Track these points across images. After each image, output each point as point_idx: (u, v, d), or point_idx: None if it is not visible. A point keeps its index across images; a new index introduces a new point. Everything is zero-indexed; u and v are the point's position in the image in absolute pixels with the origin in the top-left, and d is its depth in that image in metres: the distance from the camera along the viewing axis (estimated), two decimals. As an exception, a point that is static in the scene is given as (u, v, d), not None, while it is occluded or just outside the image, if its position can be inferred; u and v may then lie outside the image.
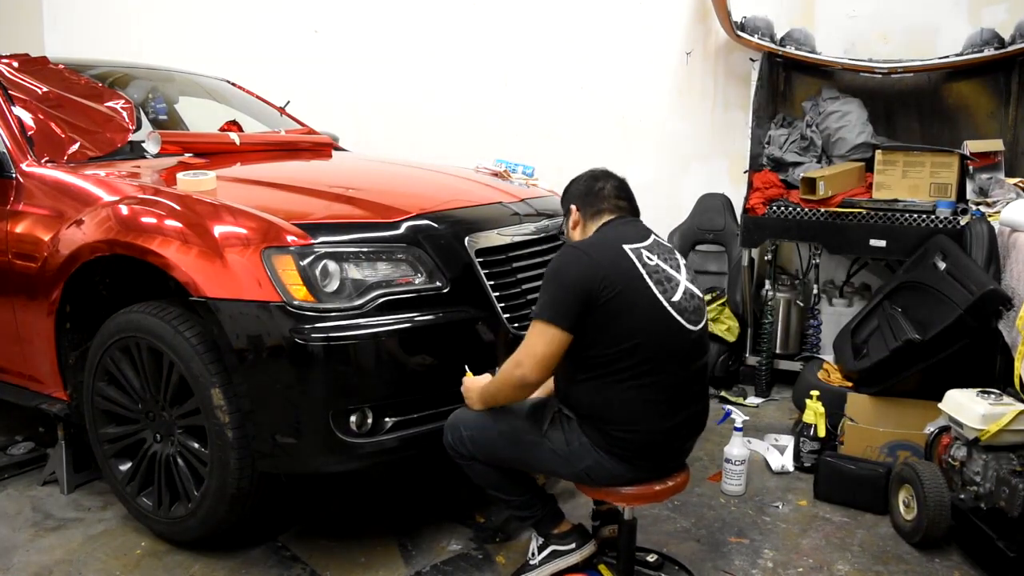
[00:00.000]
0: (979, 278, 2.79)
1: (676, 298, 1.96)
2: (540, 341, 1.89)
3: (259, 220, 2.20)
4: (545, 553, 2.18)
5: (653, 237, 2.06)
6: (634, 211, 2.13)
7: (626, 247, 1.95)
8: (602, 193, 2.09)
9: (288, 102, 3.99)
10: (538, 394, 2.08)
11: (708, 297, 3.94)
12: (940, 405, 2.54)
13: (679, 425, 2.00)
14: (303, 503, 2.74)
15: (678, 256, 2.08)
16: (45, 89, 2.84)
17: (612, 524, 2.40)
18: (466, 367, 2.20)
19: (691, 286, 2.04)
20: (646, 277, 1.92)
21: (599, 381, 1.93)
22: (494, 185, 2.99)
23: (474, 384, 2.12)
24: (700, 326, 2.02)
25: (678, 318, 1.95)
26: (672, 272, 2.00)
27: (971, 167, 3.49)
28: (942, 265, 3.04)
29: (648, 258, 1.96)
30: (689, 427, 2.05)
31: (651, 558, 2.33)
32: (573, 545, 2.17)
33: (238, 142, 3.15)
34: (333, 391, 2.15)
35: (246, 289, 2.13)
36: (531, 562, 2.20)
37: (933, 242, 3.25)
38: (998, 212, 3.18)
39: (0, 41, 5.57)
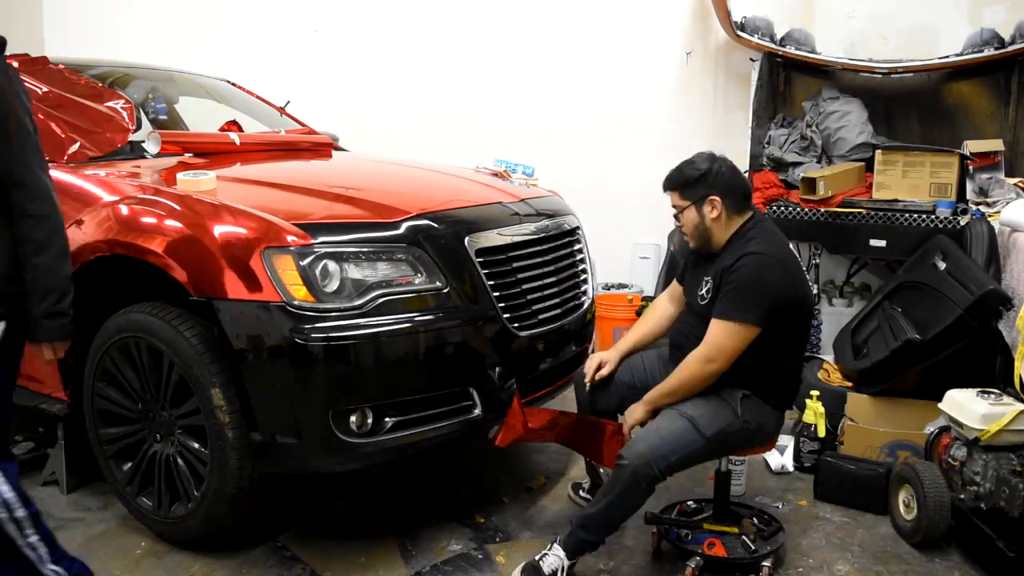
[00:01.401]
0: (979, 278, 2.79)
1: (809, 279, 2.35)
2: (733, 340, 2.12)
3: (259, 220, 2.20)
4: (568, 567, 2.16)
5: (778, 231, 2.32)
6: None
7: (792, 248, 2.29)
8: (745, 188, 2.29)
9: (288, 102, 3.98)
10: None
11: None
12: (940, 405, 2.54)
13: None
14: (303, 503, 2.74)
15: None
16: (45, 89, 2.84)
17: None
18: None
19: None
20: (805, 274, 2.29)
21: (775, 357, 2.20)
22: (494, 185, 2.98)
23: (632, 414, 2.30)
24: None
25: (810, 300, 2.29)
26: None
27: (971, 167, 3.49)
28: (942, 265, 3.04)
29: (794, 254, 2.29)
30: None
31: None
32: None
33: (238, 142, 3.15)
34: (333, 391, 2.15)
35: (246, 289, 2.13)
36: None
37: (933, 242, 3.25)
38: (998, 212, 3.18)
39: (0, 41, 5.56)
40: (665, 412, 2.20)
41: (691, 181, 2.24)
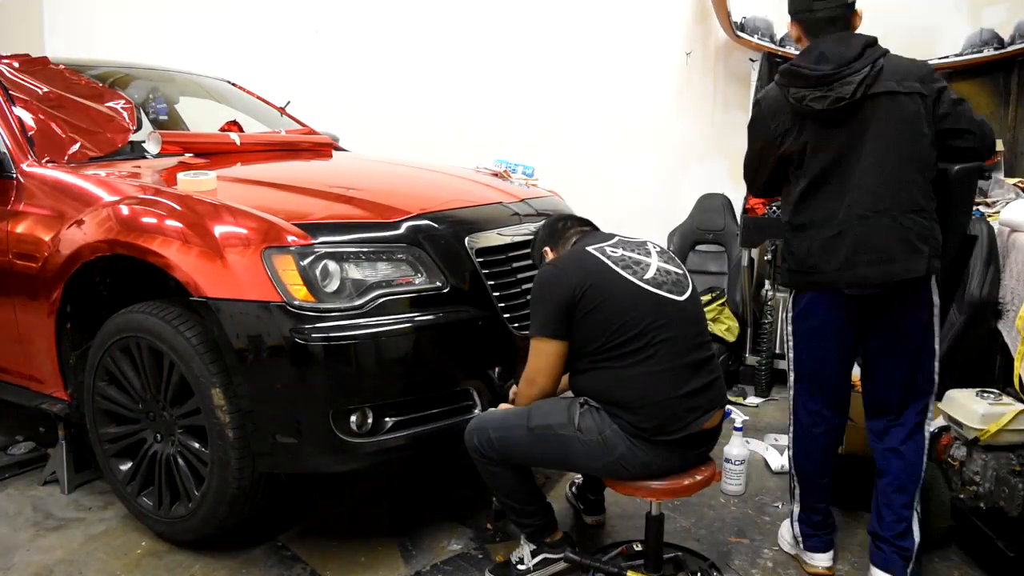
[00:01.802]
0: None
1: (648, 275, 2.05)
2: (541, 356, 2.07)
3: (259, 220, 2.20)
4: (537, 559, 2.22)
5: (618, 237, 2.17)
6: (595, 229, 2.30)
7: (589, 248, 2.08)
8: (564, 227, 2.27)
9: (288, 102, 3.99)
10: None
11: (708, 297, 3.95)
12: (940, 405, 2.54)
13: (694, 393, 2.01)
14: (303, 503, 2.74)
15: (650, 247, 2.18)
16: (46, 89, 2.84)
17: (597, 515, 2.57)
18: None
19: (666, 266, 2.12)
20: (612, 266, 2.03)
21: (600, 368, 2.02)
22: (494, 185, 2.99)
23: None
24: (686, 296, 2.08)
25: (656, 291, 2.03)
26: (640, 257, 2.10)
27: (971, 167, 3.48)
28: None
29: (612, 251, 2.08)
30: (705, 397, 2.04)
31: (671, 554, 2.32)
32: (563, 554, 2.22)
33: (238, 142, 3.15)
34: (333, 391, 2.15)
35: (246, 289, 2.13)
36: (519, 567, 2.23)
37: None
38: (998, 212, 3.18)
39: (0, 41, 5.57)
40: None
41: (532, 248, 2.35)
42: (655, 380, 1.98)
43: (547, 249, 2.26)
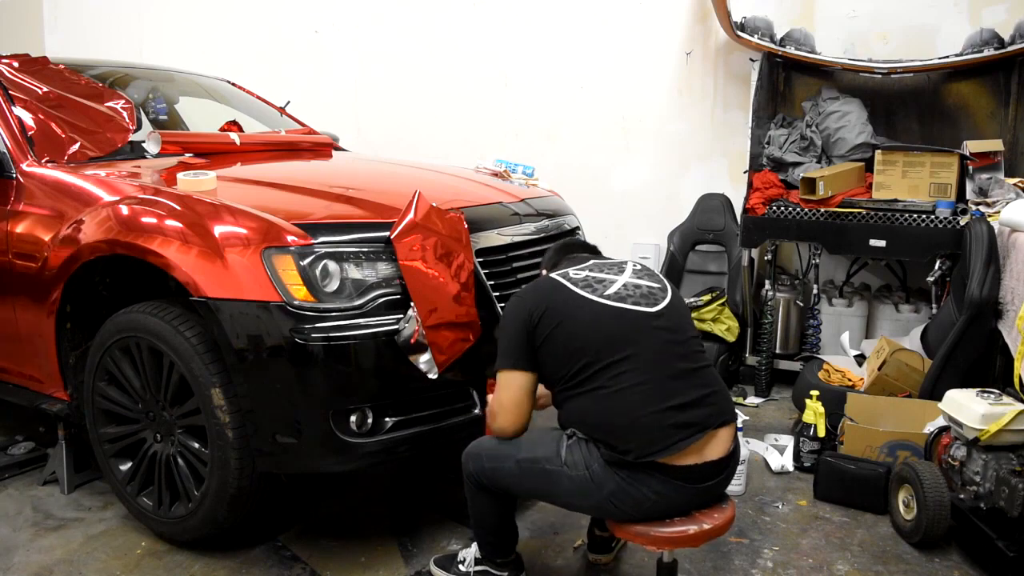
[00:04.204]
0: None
1: (611, 291, 1.93)
2: (503, 390, 1.96)
3: (259, 220, 2.20)
4: (478, 569, 2.17)
5: (593, 261, 2.08)
6: (592, 252, 2.22)
7: (552, 275, 2.01)
8: (560, 252, 2.21)
9: (288, 102, 3.99)
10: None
11: (708, 297, 3.95)
12: (940, 405, 2.54)
13: (682, 407, 1.83)
14: (303, 503, 2.74)
15: (628, 266, 2.05)
16: (45, 89, 2.84)
17: (600, 553, 2.38)
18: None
19: (638, 280, 1.99)
20: (571, 287, 1.93)
21: (577, 394, 1.89)
22: (494, 185, 2.99)
23: None
24: (660, 307, 1.93)
25: (618, 304, 1.90)
26: (606, 276, 1.98)
27: (971, 167, 3.49)
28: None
29: (575, 274, 1.98)
30: (698, 412, 1.84)
31: None
32: (505, 573, 2.15)
33: (238, 142, 3.15)
34: (333, 391, 2.15)
35: (246, 289, 2.13)
36: (460, 566, 2.20)
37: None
38: (998, 212, 3.18)
39: (0, 41, 5.57)
40: None
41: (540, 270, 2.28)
42: (630, 395, 1.82)
43: (543, 273, 2.19)
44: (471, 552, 2.21)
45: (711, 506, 1.92)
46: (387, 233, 2.26)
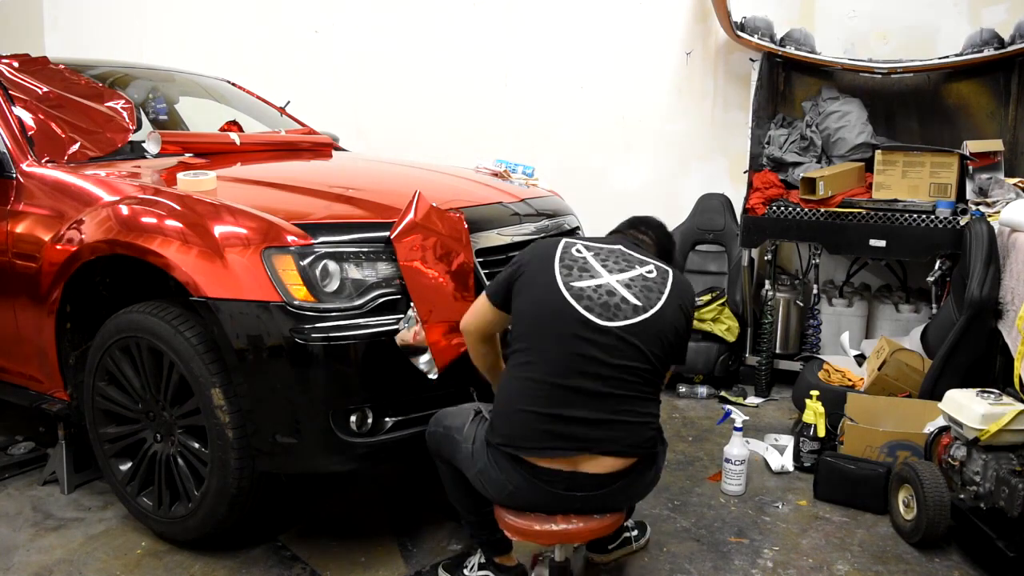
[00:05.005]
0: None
1: (582, 284, 1.85)
2: (476, 305, 2.08)
3: (259, 220, 2.20)
4: (480, 573, 2.19)
5: (619, 247, 2.00)
6: (649, 240, 2.14)
7: (565, 240, 2.00)
8: (628, 225, 2.20)
9: (288, 102, 3.99)
10: None
11: (708, 297, 3.95)
12: (940, 405, 2.54)
13: (565, 420, 1.79)
14: (303, 503, 2.74)
15: (647, 269, 1.95)
16: (45, 89, 2.84)
17: (596, 553, 2.37)
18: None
19: (621, 289, 1.87)
20: (554, 259, 1.91)
21: (506, 372, 1.93)
22: (494, 185, 2.99)
23: None
24: (612, 323, 1.82)
25: (570, 300, 1.83)
26: (598, 267, 1.91)
27: (971, 167, 3.49)
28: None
29: (576, 250, 1.95)
30: (584, 431, 1.80)
31: None
32: None
33: (238, 142, 3.15)
34: (333, 391, 2.15)
35: (246, 289, 2.13)
36: (465, 571, 2.22)
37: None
38: (998, 212, 3.18)
39: (0, 41, 5.57)
40: None
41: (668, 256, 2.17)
42: (522, 386, 1.83)
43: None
44: (474, 559, 2.22)
45: (585, 514, 1.87)
46: (387, 233, 2.26)
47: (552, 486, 1.83)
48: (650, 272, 1.95)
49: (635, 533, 2.42)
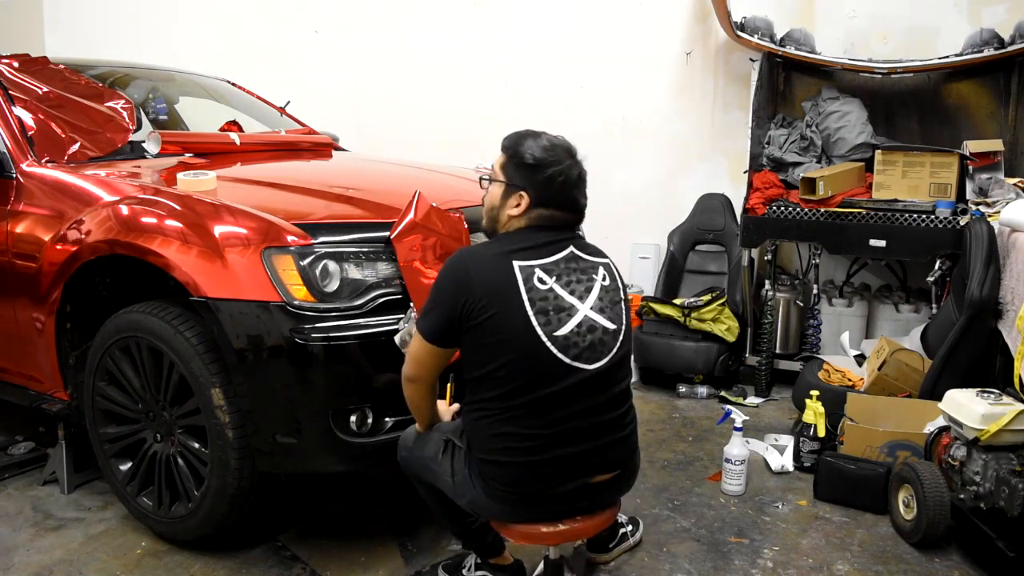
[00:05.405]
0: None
1: (563, 331, 1.74)
2: (416, 343, 1.84)
3: (259, 220, 2.20)
4: (477, 574, 2.19)
5: (569, 251, 1.83)
6: (576, 213, 1.87)
7: (517, 264, 1.75)
8: (560, 190, 1.82)
9: (288, 102, 3.99)
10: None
11: (708, 297, 3.95)
12: (940, 405, 2.54)
13: (565, 460, 1.79)
14: (303, 503, 2.74)
15: (600, 274, 1.86)
16: (45, 89, 2.84)
17: (596, 552, 2.37)
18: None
19: (597, 317, 1.80)
20: (526, 305, 1.72)
21: (478, 409, 1.80)
22: (494, 185, 2.98)
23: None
24: (598, 363, 1.78)
25: (560, 356, 1.73)
26: (569, 299, 1.78)
27: (971, 167, 3.49)
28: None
29: (540, 280, 1.75)
30: (586, 460, 1.82)
31: None
32: None
33: (238, 142, 3.15)
34: (333, 391, 2.15)
35: (246, 289, 2.13)
36: (463, 571, 2.22)
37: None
38: (998, 212, 3.18)
39: (0, 41, 5.57)
40: None
41: (516, 163, 1.83)
42: (518, 443, 1.76)
43: (527, 194, 1.80)
44: (470, 559, 2.23)
45: (588, 514, 1.91)
46: (387, 233, 2.26)
47: (557, 504, 1.86)
48: (604, 279, 1.87)
49: (630, 528, 2.46)
